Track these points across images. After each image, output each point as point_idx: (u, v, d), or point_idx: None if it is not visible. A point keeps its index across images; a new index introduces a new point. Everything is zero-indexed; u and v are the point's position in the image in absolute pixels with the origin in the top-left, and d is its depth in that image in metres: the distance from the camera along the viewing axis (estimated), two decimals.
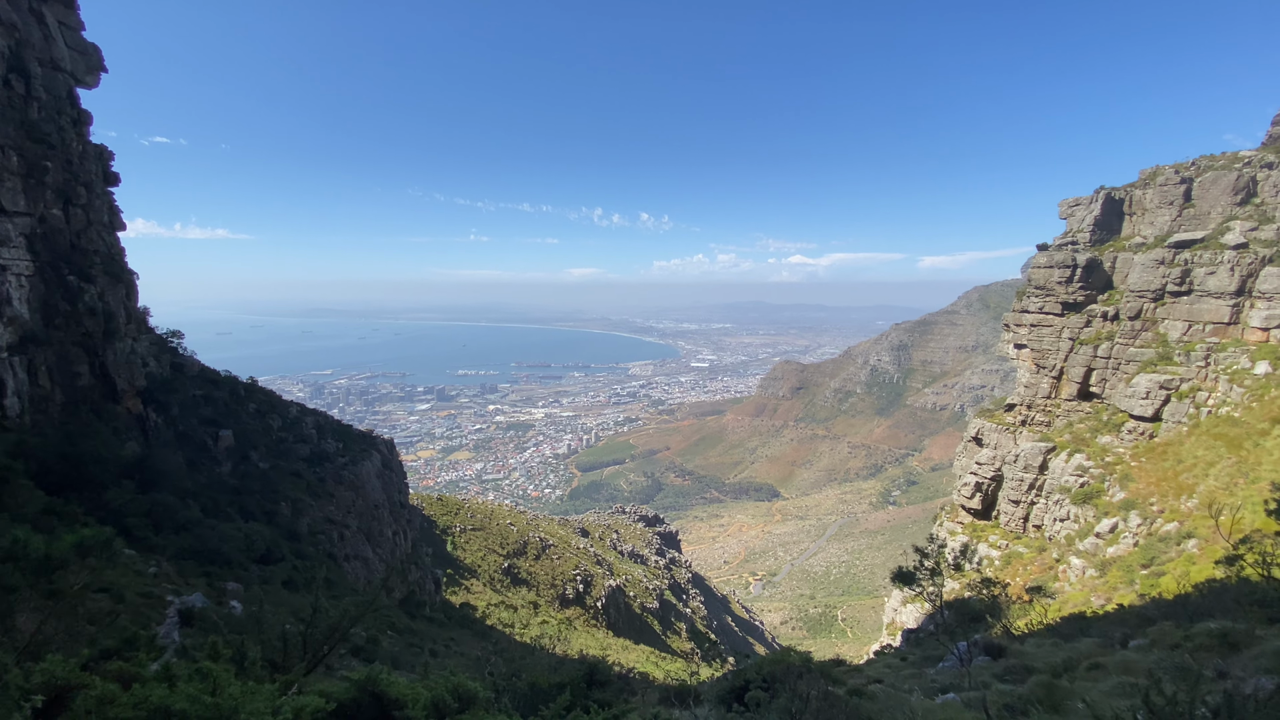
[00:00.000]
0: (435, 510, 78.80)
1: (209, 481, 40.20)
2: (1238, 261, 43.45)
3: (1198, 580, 22.80)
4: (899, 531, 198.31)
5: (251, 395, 50.27)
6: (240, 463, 44.12)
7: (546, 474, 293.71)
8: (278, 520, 40.85)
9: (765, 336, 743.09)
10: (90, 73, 38.64)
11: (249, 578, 31.88)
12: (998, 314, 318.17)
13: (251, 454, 45.29)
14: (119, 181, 41.60)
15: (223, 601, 26.41)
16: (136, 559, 26.40)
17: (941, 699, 9.42)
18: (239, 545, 34.11)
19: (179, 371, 45.78)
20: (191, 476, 38.91)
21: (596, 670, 15.20)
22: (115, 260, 39.74)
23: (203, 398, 45.49)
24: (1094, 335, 49.55)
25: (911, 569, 17.32)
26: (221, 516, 36.93)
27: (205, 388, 46.55)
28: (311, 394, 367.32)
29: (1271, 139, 49.99)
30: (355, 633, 29.39)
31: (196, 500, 36.16)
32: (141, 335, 42.09)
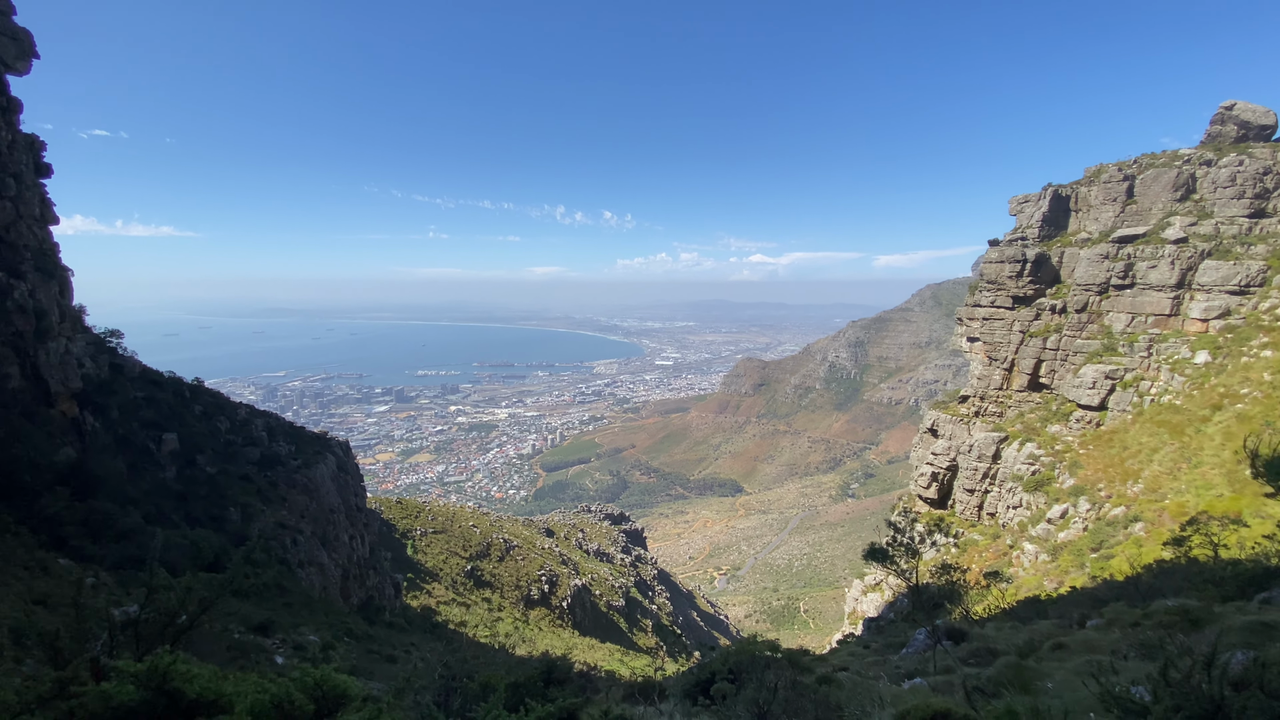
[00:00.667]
0: (394, 514, 77.00)
1: (152, 487, 38.38)
2: (1178, 256, 45.56)
3: (1146, 562, 23.73)
4: (858, 523, 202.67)
5: (197, 397, 48.23)
6: (186, 467, 42.25)
7: (510, 475, 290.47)
8: (226, 526, 39.30)
9: (728, 334, 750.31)
10: (21, 59, 36.33)
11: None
12: (950, 311, 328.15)
13: (198, 458, 43.43)
14: (51, 173, 39.35)
15: None
16: (73, 569, 25.06)
17: (908, 684, 9.43)
18: (184, 553, 32.56)
19: (118, 373, 43.55)
20: (133, 482, 37.09)
21: (554, 668, 14.79)
22: (47, 255, 37.52)
23: (145, 400, 43.41)
24: (1043, 328, 51.35)
25: (885, 545, 17.36)
26: (166, 524, 35.32)
27: (147, 389, 44.43)
28: (264, 396, 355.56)
29: (1209, 138, 52.56)
30: (310, 639, 28.40)
31: (138, 507, 34.46)
32: (77, 335, 39.87)
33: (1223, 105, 51.89)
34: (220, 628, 25.27)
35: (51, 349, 34.97)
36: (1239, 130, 51.33)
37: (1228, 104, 51.56)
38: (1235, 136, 51.47)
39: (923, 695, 7.99)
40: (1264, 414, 30.82)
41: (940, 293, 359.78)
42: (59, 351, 35.91)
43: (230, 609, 29.18)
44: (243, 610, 29.13)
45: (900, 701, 7.43)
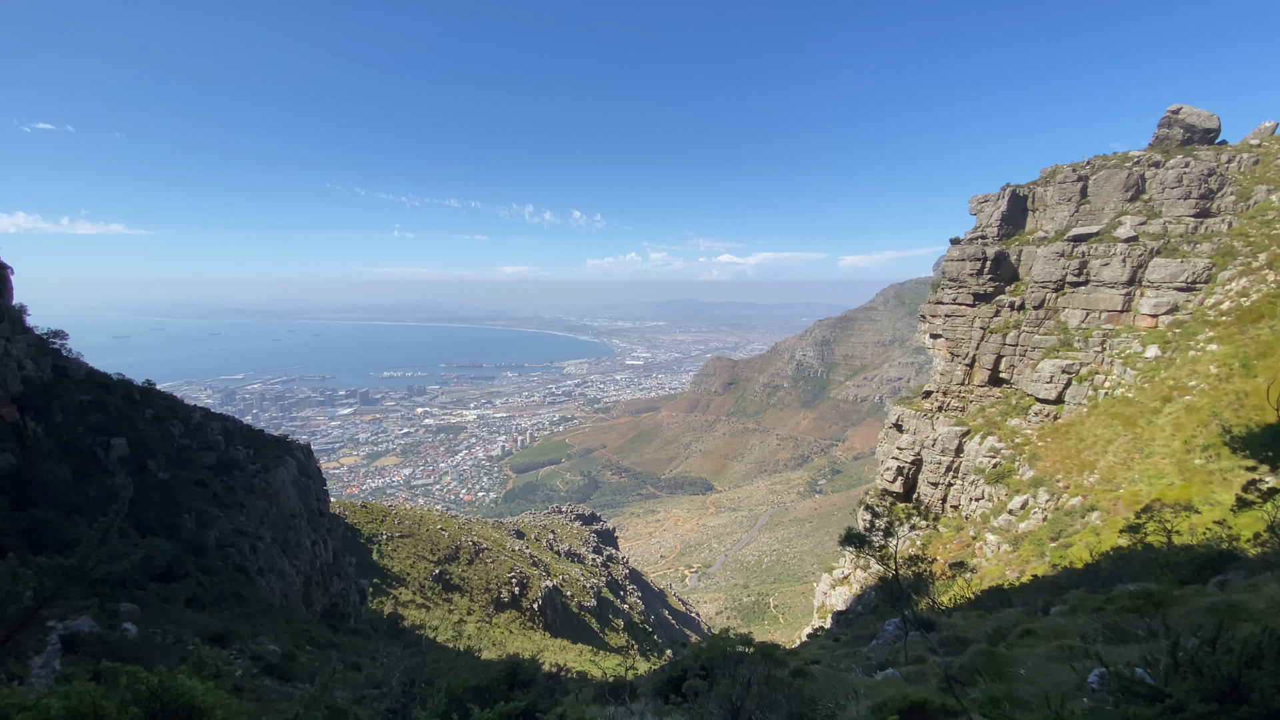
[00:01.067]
0: (359, 518, 75.30)
1: (100, 494, 36.69)
2: (1129, 254, 47.26)
3: (1104, 549, 24.44)
4: (826, 519, 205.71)
5: (148, 400, 46.35)
6: (136, 473, 40.50)
7: (480, 477, 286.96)
8: (180, 534, 37.82)
9: (697, 334, 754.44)
10: None
11: (147, 598, 29.24)
12: (912, 309, 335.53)
13: (149, 463, 41.70)
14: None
15: (114, 625, 24.13)
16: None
17: (881, 675, 9.42)
18: (134, 562, 31.13)
19: (63, 375, 41.58)
20: (79, 490, 35.44)
21: (519, 670, 14.41)
22: None
23: (91, 403, 41.53)
24: (1002, 324, 52.73)
25: (863, 530, 17.29)
26: (116, 532, 33.65)
27: (94, 393, 42.50)
28: (221, 400, 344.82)
29: (1157, 140, 54.69)
30: (269, 649, 27.45)
31: (84, 515, 32.87)
32: (16, 335, 37.91)
33: (1169, 109, 54.05)
34: (173, 639, 24.28)
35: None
36: (1185, 133, 53.55)
37: (1174, 108, 53.72)
38: (1181, 139, 53.67)
39: (896, 686, 7.97)
40: (1211, 405, 32.08)
41: (903, 292, 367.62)
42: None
43: (184, 619, 28.11)
44: (198, 620, 28.07)
45: (875, 693, 7.39)
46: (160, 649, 23.06)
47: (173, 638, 24.34)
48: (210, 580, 34.77)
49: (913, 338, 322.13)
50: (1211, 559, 13.50)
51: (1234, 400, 30.99)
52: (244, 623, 31.88)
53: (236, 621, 31.12)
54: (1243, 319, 37.17)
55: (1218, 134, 53.74)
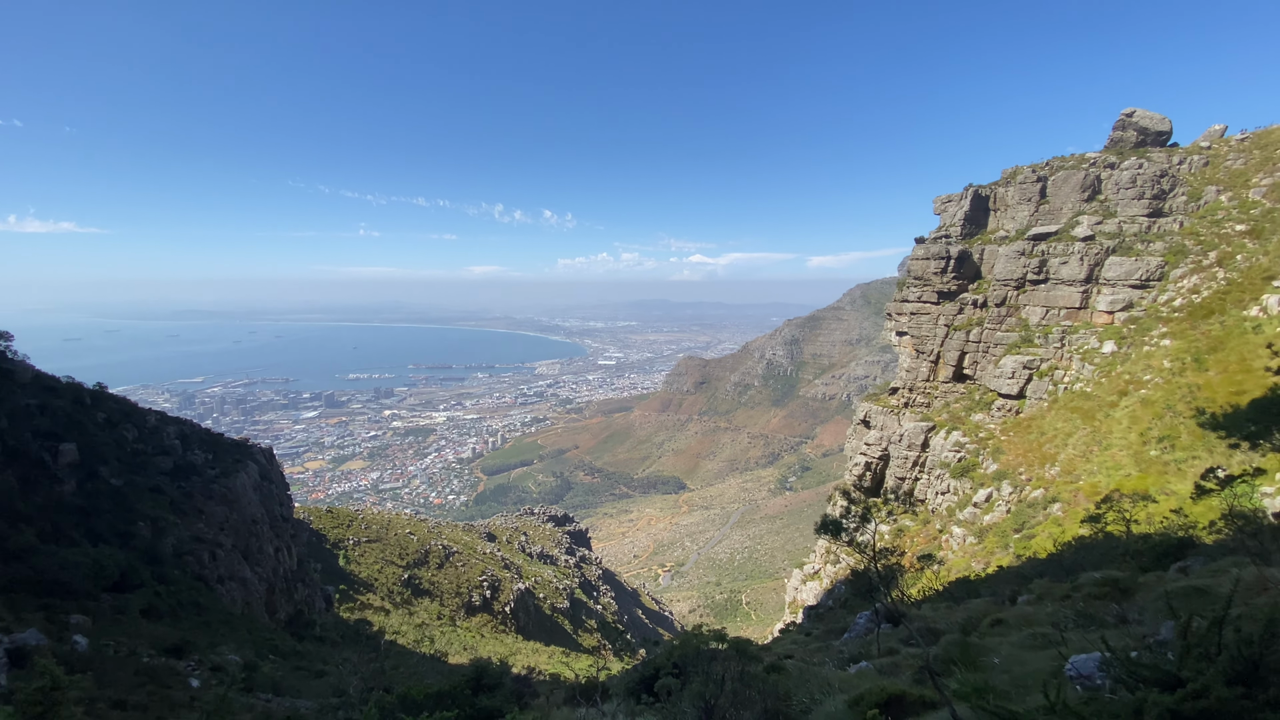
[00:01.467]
0: (325, 523, 73.54)
1: (48, 503, 35.13)
2: (1086, 252, 48.77)
3: (1066, 539, 25.04)
4: (796, 515, 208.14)
5: (100, 404, 44.51)
6: (87, 480, 38.87)
7: (450, 480, 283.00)
8: (135, 542, 36.38)
9: (669, 333, 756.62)
10: None
11: (99, 609, 28.04)
12: (878, 309, 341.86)
13: (101, 469, 40.04)
14: None
15: (64, 637, 23.10)
16: None
17: (854, 668, 9.40)
18: (86, 572, 29.96)
19: (7, 378, 39.63)
20: (26, 497, 33.84)
21: (484, 674, 13.95)
22: None
23: (38, 408, 39.68)
24: (966, 321, 53.93)
25: (838, 517, 17.15)
26: (65, 541, 32.42)
27: (41, 396, 40.65)
28: (180, 404, 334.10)
29: (1112, 143, 56.54)
30: (230, 659, 26.55)
31: (32, 524, 31.45)
32: None
33: (1124, 112, 55.93)
34: (127, 651, 23.31)
35: None
36: (1138, 136, 55.46)
37: (1128, 111, 55.60)
38: (1135, 141, 55.58)
39: (871, 678, 7.94)
40: (1165, 399, 33.21)
41: (869, 292, 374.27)
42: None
43: (139, 630, 27.03)
44: (154, 631, 27.03)
45: (849, 686, 7.34)
46: (113, 661, 22.11)
47: (127, 650, 23.38)
48: (167, 590, 33.52)
49: (879, 337, 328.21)
50: (1171, 547, 13.91)
51: (1187, 393, 32.12)
52: (203, 633, 30.85)
53: (195, 632, 30.08)
54: (1194, 315, 38.60)
55: (1169, 136, 55.78)
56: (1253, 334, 32.83)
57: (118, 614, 27.77)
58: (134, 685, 20.68)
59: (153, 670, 22.40)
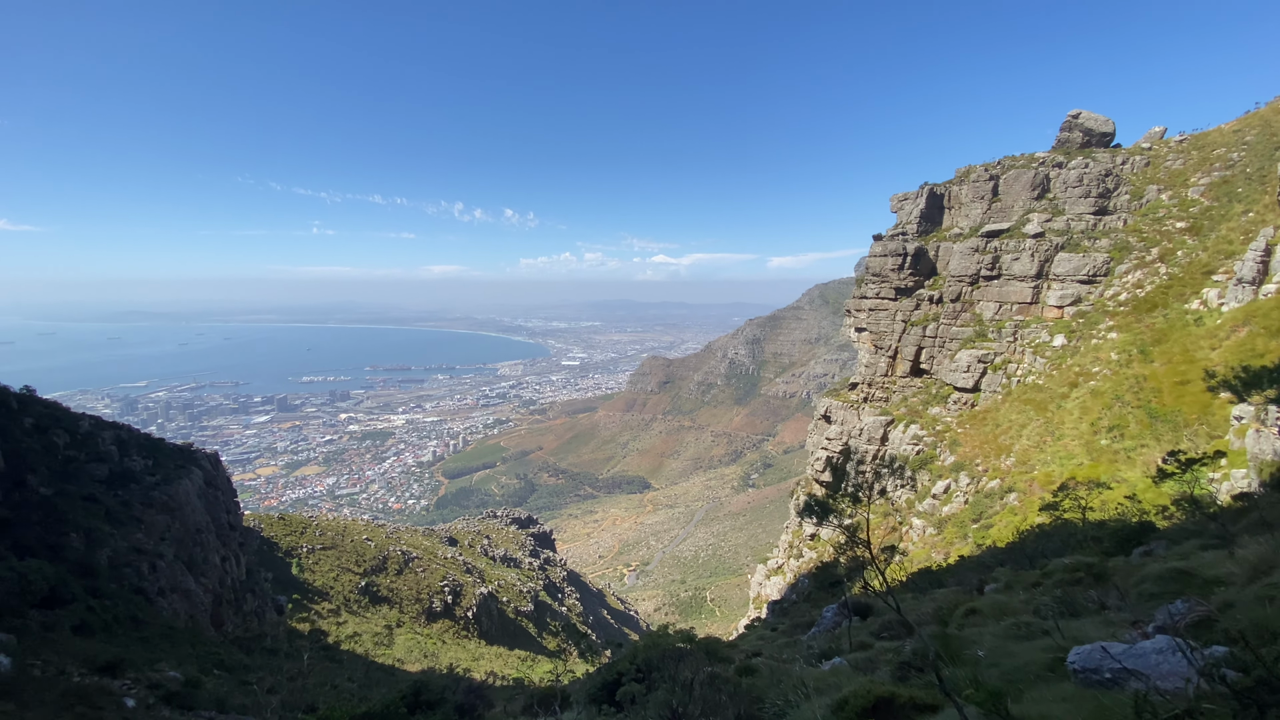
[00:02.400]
0: (276, 530, 70.75)
1: None
2: (1036, 249, 50.28)
3: (1024, 528, 25.49)
4: (759, 512, 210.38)
5: (27, 409, 41.74)
6: (14, 489, 36.34)
7: (409, 484, 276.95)
8: (66, 555, 34.13)
9: (633, 333, 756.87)
10: None
11: (26, 626, 26.11)
12: (836, 309, 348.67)
13: (29, 478, 37.49)
14: None
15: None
16: None
17: (828, 665, 9.08)
18: (10, 588, 27.86)
19: None
20: None
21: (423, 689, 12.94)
22: None
23: None
24: (922, 317, 55.01)
25: (825, 497, 16.34)
26: None
27: None
28: (122, 410, 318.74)
29: (1059, 143, 58.47)
30: (169, 676, 25.03)
31: None
32: None
33: (1070, 114, 57.84)
34: (55, 671, 21.70)
35: None
36: (1084, 137, 57.47)
37: (1074, 113, 57.57)
38: (1081, 142, 57.60)
39: (846, 676, 7.60)
40: (1113, 389, 34.30)
41: (827, 292, 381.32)
42: None
43: (70, 648, 25.26)
44: (87, 649, 25.29)
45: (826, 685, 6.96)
46: (39, 683, 20.56)
47: (55, 670, 21.78)
48: (101, 604, 31.49)
49: (837, 335, 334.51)
50: (1133, 532, 14.11)
51: (1134, 384, 33.23)
52: (141, 649, 29.04)
53: (132, 648, 28.30)
54: (1139, 308, 40.05)
55: (1113, 138, 57.97)
56: (1194, 326, 34.21)
57: (46, 631, 25.94)
58: (61, 708, 19.22)
59: (83, 691, 20.88)
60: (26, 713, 18.55)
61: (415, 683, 13.08)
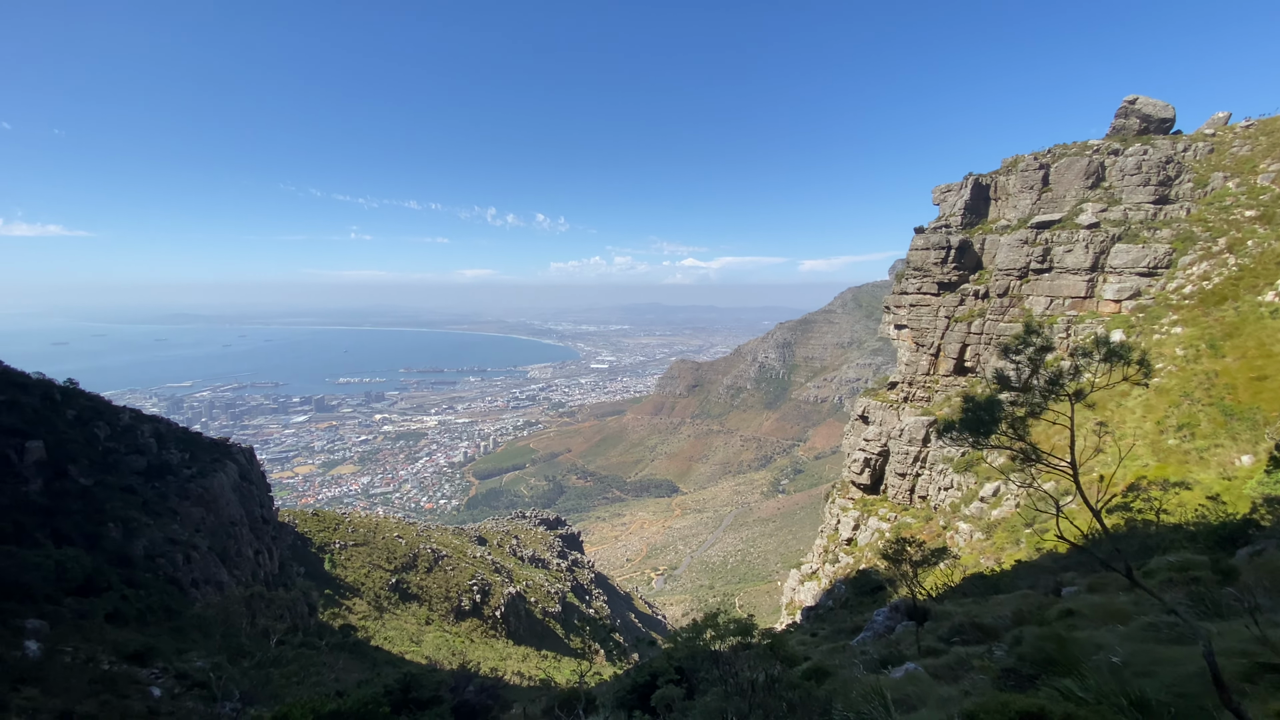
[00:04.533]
0: (310, 526, 71.44)
1: (11, 502, 33.37)
2: (1091, 240, 47.71)
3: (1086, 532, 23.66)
4: (789, 518, 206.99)
5: (70, 401, 42.68)
6: (55, 479, 37.08)
7: (441, 484, 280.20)
8: (104, 544, 34.66)
9: (662, 337, 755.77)
10: None
11: (60, 613, 26.24)
12: (870, 312, 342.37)
13: (70, 468, 38.23)
14: None
15: (16, 643, 21.37)
16: None
17: (898, 672, 7.92)
18: (47, 575, 28.15)
19: None
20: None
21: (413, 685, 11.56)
22: None
23: (5, 404, 37.96)
24: (967, 313, 52.75)
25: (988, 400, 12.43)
26: (28, 543, 30.67)
27: (9, 392, 38.93)
28: (168, 408, 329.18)
29: (1114, 130, 55.58)
30: (196, 666, 24.82)
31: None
32: None
33: (1126, 99, 55.03)
34: (85, 658, 21.59)
35: None
36: (1141, 123, 54.53)
37: (1130, 99, 54.72)
38: (1138, 129, 54.66)
39: (927, 684, 6.48)
40: (1181, 386, 32.07)
41: (860, 295, 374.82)
42: None
43: (102, 636, 25.24)
44: (118, 637, 25.26)
45: (907, 695, 5.84)
46: (68, 669, 20.42)
47: (85, 656, 21.67)
48: (136, 593, 31.72)
49: (870, 339, 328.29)
50: (1235, 530, 12.64)
51: (1204, 380, 30.98)
52: (171, 639, 29.02)
53: (163, 637, 28.28)
54: (1206, 301, 37.51)
55: (1173, 124, 54.93)
56: (1270, 319, 31.78)
57: (80, 619, 26.02)
58: (86, 695, 18.99)
59: (111, 678, 20.70)
60: (51, 699, 18.29)
61: (404, 676, 11.69)
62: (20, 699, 17.12)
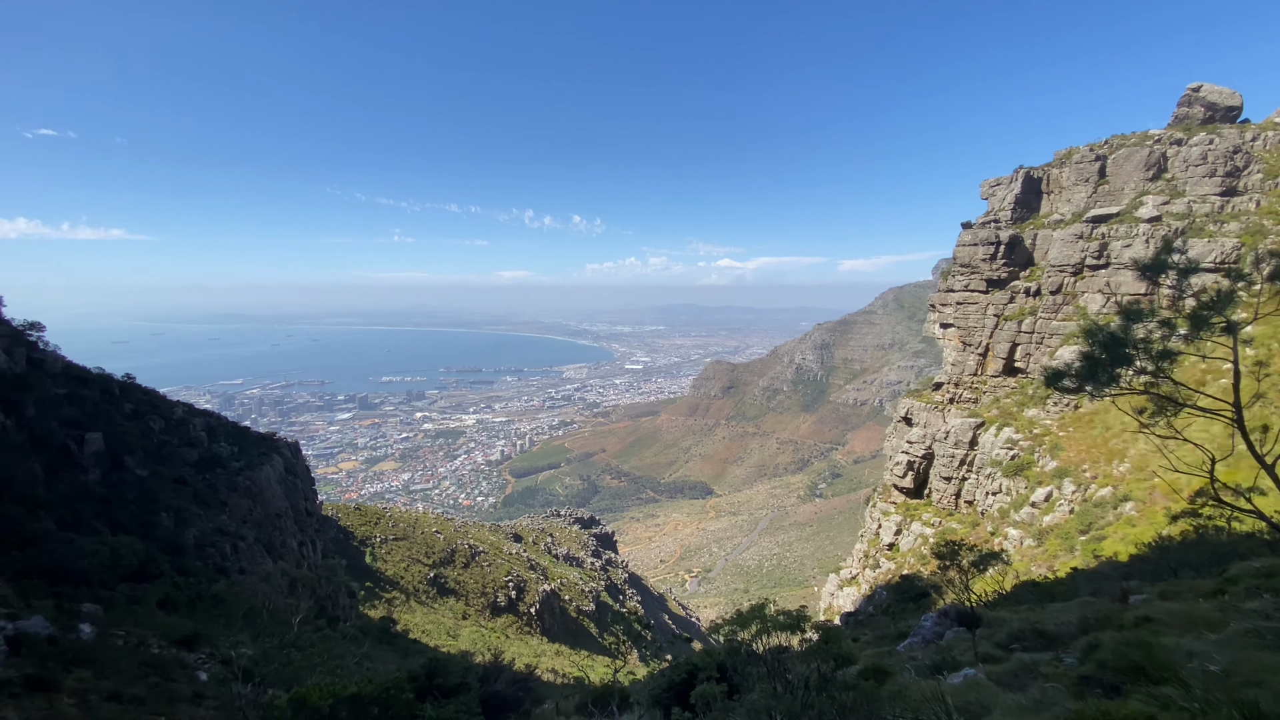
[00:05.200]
0: (353, 520, 73.14)
1: (72, 491, 34.85)
2: (1152, 234, 45.40)
3: (1146, 540, 22.41)
4: (826, 523, 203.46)
5: (128, 395, 44.47)
6: (112, 470, 38.66)
7: (479, 481, 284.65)
8: (157, 533, 35.93)
9: (697, 338, 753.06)
10: None
11: (114, 598, 27.23)
12: (912, 314, 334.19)
13: (126, 459, 39.80)
14: None
15: (72, 626, 22.17)
16: None
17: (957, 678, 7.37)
18: (103, 561, 29.25)
19: (37, 368, 39.77)
20: (50, 486, 33.59)
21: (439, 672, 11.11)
22: None
23: (67, 397, 39.68)
24: (1017, 311, 50.78)
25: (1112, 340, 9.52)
26: (86, 530, 31.95)
27: (70, 386, 40.68)
28: (220, 405, 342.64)
29: (1177, 119, 52.85)
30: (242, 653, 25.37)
31: (53, 512, 31.06)
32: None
33: (1189, 87, 52.28)
34: (135, 642, 22.27)
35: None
36: (1205, 112, 51.71)
37: (1194, 86, 51.95)
38: (1202, 118, 51.85)
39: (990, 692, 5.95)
40: (1252, 387, 30.11)
41: (902, 295, 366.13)
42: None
43: (153, 621, 26.06)
44: (168, 622, 26.06)
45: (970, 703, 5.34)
46: (119, 652, 21.08)
47: (136, 640, 22.37)
48: (186, 581, 32.80)
49: (913, 341, 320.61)
50: None
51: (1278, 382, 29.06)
52: (219, 626, 29.87)
53: (211, 624, 29.13)
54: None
55: (1240, 112, 51.97)
56: None
57: (133, 604, 26.95)
58: (136, 677, 19.53)
59: (159, 662, 21.28)
60: (102, 680, 18.86)
61: (429, 661, 11.31)
62: (72, 680, 17.70)
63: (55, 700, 16.57)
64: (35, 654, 18.52)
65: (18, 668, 17.40)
